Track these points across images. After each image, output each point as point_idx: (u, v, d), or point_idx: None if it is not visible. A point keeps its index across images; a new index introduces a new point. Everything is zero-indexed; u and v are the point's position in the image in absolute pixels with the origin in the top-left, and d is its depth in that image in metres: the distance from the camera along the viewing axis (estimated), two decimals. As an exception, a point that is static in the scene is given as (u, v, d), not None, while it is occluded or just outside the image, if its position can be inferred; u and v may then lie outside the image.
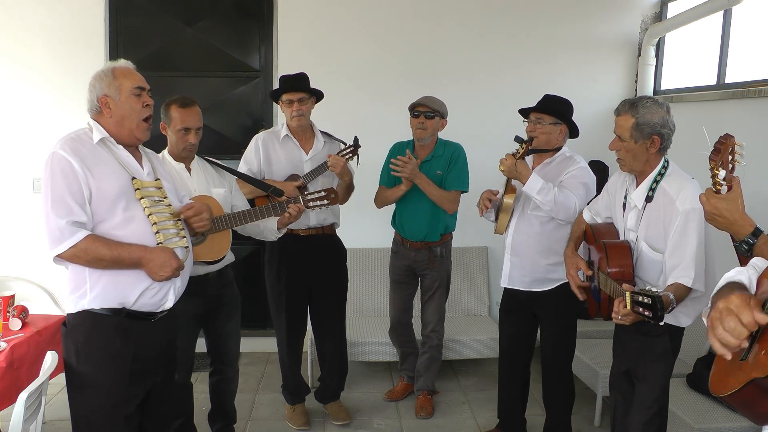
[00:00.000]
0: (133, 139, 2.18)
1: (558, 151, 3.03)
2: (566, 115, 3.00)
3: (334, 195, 2.93)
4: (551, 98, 3.04)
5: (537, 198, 2.84)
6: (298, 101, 3.27)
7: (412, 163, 3.35)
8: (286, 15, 4.49)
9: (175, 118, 2.82)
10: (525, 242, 3.03)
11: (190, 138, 2.84)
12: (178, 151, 2.88)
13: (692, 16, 4.06)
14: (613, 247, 2.43)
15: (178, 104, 2.83)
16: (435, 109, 3.44)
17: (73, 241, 2.00)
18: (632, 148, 2.35)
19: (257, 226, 2.97)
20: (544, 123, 2.97)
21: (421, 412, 3.73)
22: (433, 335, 3.75)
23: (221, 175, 3.01)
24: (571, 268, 2.59)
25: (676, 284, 2.25)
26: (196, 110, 2.86)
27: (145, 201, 2.14)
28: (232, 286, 3.07)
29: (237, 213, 2.78)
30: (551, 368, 3.15)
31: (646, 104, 2.33)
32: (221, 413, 3.21)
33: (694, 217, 2.25)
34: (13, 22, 4.33)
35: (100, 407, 2.12)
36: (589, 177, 2.98)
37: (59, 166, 2.02)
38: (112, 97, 2.12)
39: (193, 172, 2.93)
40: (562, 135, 3.02)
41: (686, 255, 2.25)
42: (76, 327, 2.13)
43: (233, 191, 3.02)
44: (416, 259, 3.64)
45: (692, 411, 2.97)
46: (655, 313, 1.97)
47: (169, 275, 2.12)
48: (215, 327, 3.04)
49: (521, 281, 3.07)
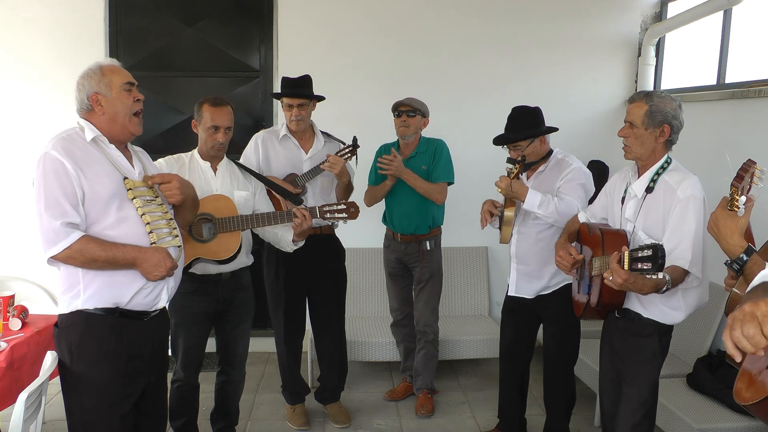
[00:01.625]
0: (127, 134, 2.18)
1: (548, 156, 3.04)
2: (537, 130, 2.99)
3: (354, 209, 2.92)
4: (517, 119, 3.01)
5: (538, 212, 2.85)
6: (298, 107, 3.29)
7: (397, 160, 3.47)
8: (286, 15, 4.49)
9: (206, 116, 2.87)
10: (529, 250, 3.05)
11: (219, 137, 2.88)
12: (206, 149, 2.92)
13: (692, 16, 4.06)
14: (609, 233, 2.44)
15: (209, 103, 2.89)
16: (416, 108, 3.56)
17: (67, 243, 2.00)
18: (641, 135, 2.37)
19: (275, 233, 2.98)
20: (522, 147, 2.98)
21: (421, 410, 3.73)
22: (428, 329, 3.76)
23: (247, 179, 3.03)
24: (560, 249, 2.59)
25: (672, 266, 2.24)
26: (227, 110, 2.90)
27: (137, 201, 2.14)
28: (246, 290, 3.06)
29: (248, 216, 2.80)
30: (553, 368, 3.15)
31: (661, 95, 2.38)
32: (224, 414, 3.21)
33: (695, 204, 2.27)
34: (13, 22, 4.33)
35: (95, 407, 2.12)
36: (584, 176, 2.98)
37: (52, 167, 2.01)
38: (103, 93, 2.12)
39: (218, 173, 2.95)
40: (544, 142, 3.03)
41: (684, 239, 2.26)
42: (70, 327, 2.12)
43: (258, 197, 3.02)
44: (407, 252, 3.71)
45: (692, 411, 2.96)
46: (656, 261, 1.99)
47: (163, 275, 2.12)
48: (225, 329, 3.05)
49: (528, 289, 3.08)
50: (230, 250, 2.78)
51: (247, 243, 2.98)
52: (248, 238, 3.01)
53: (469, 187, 4.17)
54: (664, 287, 2.18)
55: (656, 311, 2.38)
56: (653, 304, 2.37)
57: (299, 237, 2.92)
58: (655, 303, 2.37)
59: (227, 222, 2.75)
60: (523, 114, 3.02)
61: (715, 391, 3.09)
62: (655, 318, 2.39)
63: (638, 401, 2.41)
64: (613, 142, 4.67)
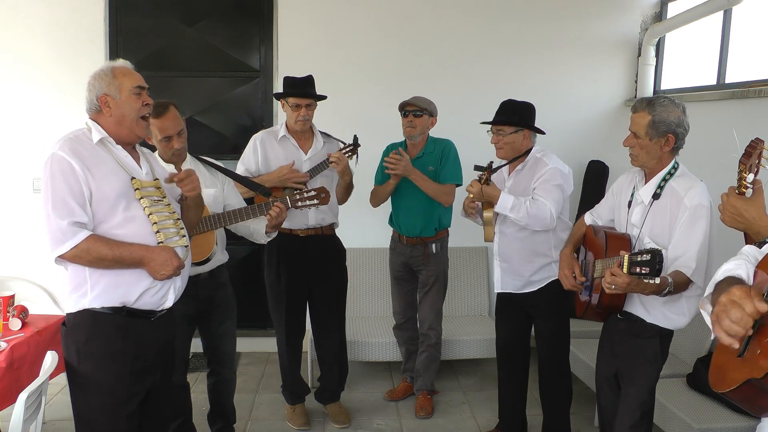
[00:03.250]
0: (133, 136, 2.19)
1: (528, 154, 3.04)
2: (525, 121, 3.01)
3: (324, 195, 2.90)
4: (508, 106, 3.05)
5: (510, 215, 2.92)
6: (306, 107, 3.28)
7: (404, 159, 3.43)
8: (286, 15, 4.49)
9: (153, 129, 2.75)
10: (510, 247, 3.09)
11: (174, 144, 2.79)
12: (167, 158, 2.85)
13: (692, 16, 4.06)
14: (613, 236, 2.44)
15: (152, 116, 2.68)
16: (423, 108, 3.52)
17: (74, 242, 2.01)
18: (646, 145, 2.35)
19: (247, 227, 2.95)
20: (505, 133, 3.00)
21: (420, 411, 3.73)
22: (431, 333, 3.75)
23: (214, 175, 2.98)
24: (566, 268, 2.59)
25: (676, 271, 2.24)
26: (172, 115, 2.76)
27: (144, 201, 2.14)
28: (225, 287, 3.05)
29: (220, 214, 2.78)
30: (547, 366, 3.16)
31: (663, 103, 2.34)
32: (220, 414, 3.21)
33: (702, 213, 2.26)
34: (13, 21, 4.33)
35: (102, 406, 2.13)
36: (560, 176, 2.97)
37: (59, 167, 2.02)
38: (113, 96, 2.13)
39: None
40: (527, 139, 3.04)
41: (690, 248, 2.25)
42: (77, 326, 2.13)
43: (226, 191, 2.99)
44: (412, 255, 3.69)
45: (692, 411, 2.96)
46: (653, 267, 1.99)
47: (170, 274, 2.12)
48: (209, 329, 3.04)
49: (513, 285, 3.12)
50: (206, 251, 2.77)
51: (221, 240, 2.97)
52: (222, 235, 2.99)
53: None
54: (666, 290, 2.18)
55: (659, 316, 2.37)
56: (656, 308, 2.36)
57: (273, 229, 2.92)
58: (657, 308, 2.36)
59: (200, 223, 2.67)
60: (517, 104, 3.05)
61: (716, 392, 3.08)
62: (658, 323, 2.38)
63: (637, 402, 2.40)
64: (613, 142, 4.68)
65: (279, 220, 2.84)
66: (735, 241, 1.92)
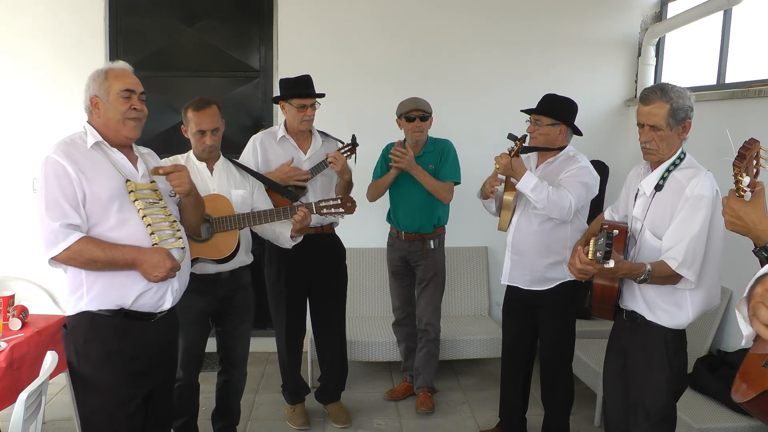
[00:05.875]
0: (121, 138, 2.18)
1: (561, 151, 3.03)
2: (564, 116, 2.99)
3: (350, 204, 2.95)
4: (550, 99, 3.04)
5: (530, 195, 2.85)
6: (311, 106, 3.29)
7: (409, 153, 3.49)
8: (286, 15, 4.49)
9: (191, 121, 2.87)
10: (525, 240, 3.03)
11: (206, 140, 2.88)
12: (198, 153, 2.94)
13: (692, 16, 4.06)
14: (609, 227, 2.38)
15: (193, 107, 2.87)
16: (428, 111, 3.57)
17: (66, 244, 2.01)
18: (667, 136, 2.23)
19: (273, 231, 3.01)
20: (542, 124, 2.98)
21: (421, 407, 3.73)
22: (429, 328, 3.76)
23: (245, 177, 3.03)
24: (573, 257, 2.55)
25: (660, 261, 2.20)
26: (211, 112, 2.87)
27: (139, 203, 2.14)
28: (246, 289, 3.07)
29: (244, 214, 2.82)
30: (548, 367, 3.15)
31: (675, 89, 2.24)
32: (225, 413, 3.21)
33: (702, 204, 2.17)
34: (13, 21, 4.33)
35: (102, 407, 2.14)
36: (590, 176, 2.96)
37: (53, 170, 2.04)
38: (101, 98, 2.14)
39: (215, 173, 2.96)
40: (563, 135, 3.01)
41: (683, 239, 2.18)
42: (75, 328, 2.14)
43: (256, 195, 3.03)
44: (410, 251, 3.71)
45: (692, 411, 2.96)
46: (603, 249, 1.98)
47: (163, 276, 2.12)
48: (225, 329, 3.06)
49: (521, 279, 3.08)
50: (228, 249, 2.79)
51: (246, 242, 2.99)
52: (247, 237, 3.02)
53: (469, 187, 4.16)
54: (642, 276, 2.15)
55: (660, 313, 2.30)
56: (656, 305, 2.31)
57: (298, 233, 2.96)
58: (657, 303, 2.30)
59: (224, 221, 2.77)
60: (558, 98, 3.02)
61: (715, 391, 3.09)
62: (660, 321, 2.31)
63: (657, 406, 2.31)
64: (613, 142, 4.70)
65: (304, 224, 2.89)
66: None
